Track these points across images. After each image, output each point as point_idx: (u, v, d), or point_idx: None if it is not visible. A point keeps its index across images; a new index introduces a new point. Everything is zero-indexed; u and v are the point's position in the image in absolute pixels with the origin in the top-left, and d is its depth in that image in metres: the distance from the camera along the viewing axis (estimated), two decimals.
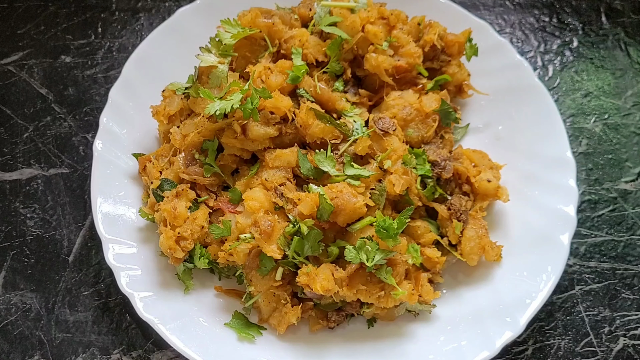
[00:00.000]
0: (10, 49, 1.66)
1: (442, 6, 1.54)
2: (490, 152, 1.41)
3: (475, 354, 1.22)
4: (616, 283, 1.43)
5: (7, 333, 1.35)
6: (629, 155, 1.57)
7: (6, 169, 1.51)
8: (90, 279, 1.40)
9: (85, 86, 1.61)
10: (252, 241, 1.22)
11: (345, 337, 1.28)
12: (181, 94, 1.34)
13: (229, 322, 1.27)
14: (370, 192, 1.25)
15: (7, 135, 1.55)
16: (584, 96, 1.65)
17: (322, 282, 1.16)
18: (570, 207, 1.34)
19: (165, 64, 1.48)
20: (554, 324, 1.38)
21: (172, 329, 1.22)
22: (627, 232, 1.48)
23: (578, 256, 1.45)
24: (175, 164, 1.32)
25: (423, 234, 1.30)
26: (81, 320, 1.36)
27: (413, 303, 1.23)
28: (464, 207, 1.32)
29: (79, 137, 1.55)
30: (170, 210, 1.26)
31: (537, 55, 1.70)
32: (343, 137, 1.29)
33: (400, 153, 1.27)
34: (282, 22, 1.40)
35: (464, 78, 1.48)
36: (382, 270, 1.18)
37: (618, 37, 1.73)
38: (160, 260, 1.32)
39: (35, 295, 1.38)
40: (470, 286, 1.33)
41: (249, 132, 1.27)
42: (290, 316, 1.23)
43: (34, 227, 1.45)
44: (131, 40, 1.68)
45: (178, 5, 1.71)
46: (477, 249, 1.29)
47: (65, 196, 1.48)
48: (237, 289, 1.33)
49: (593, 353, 1.36)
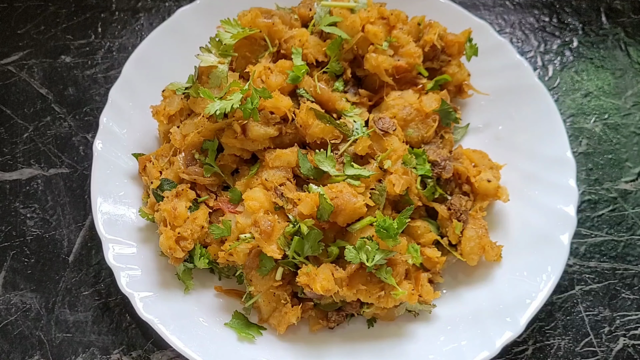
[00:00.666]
0: (10, 49, 1.66)
1: (442, 6, 1.54)
2: (490, 152, 1.41)
3: (475, 354, 1.22)
4: (616, 283, 1.43)
5: (7, 333, 1.35)
6: (629, 155, 1.57)
7: (6, 169, 1.51)
8: (90, 279, 1.40)
9: (85, 86, 1.61)
10: (252, 241, 1.22)
11: (345, 337, 1.28)
12: (181, 94, 1.34)
13: (229, 322, 1.27)
14: (370, 192, 1.25)
15: (7, 135, 1.55)
16: (584, 96, 1.65)
17: (322, 282, 1.16)
18: (570, 207, 1.34)
19: (165, 64, 1.48)
20: (554, 324, 1.38)
21: (172, 329, 1.22)
22: (627, 232, 1.48)
23: (578, 256, 1.45)
24: (175, 164, 1.32)
25: (423, 234, 1.30)
26: (81, 320, 1.36)
27: (413, 303, 1.23)
28: (464, 207, 1.32)
29: (79, 137, 1.55)
30: (170, 210, 1.26)
31: (537, 55, 1.70)
32: (343, 137, 1.29)
33: (400, 153, 1.27)
34: (282, 22, 1.40)
35: (464, 78, 1.48)
36: (382, 270, 1.18)
37: (618, 37, 1.73)
38: (160, 260, 1.32)
39: (35, 295, 1.38)
40: (470, 286, 1.33)
41: (249, 132, 1.27)
42: (290, 316, 1.23)
43: (34, 227, 1.45)
44: (131, 40, 1.68)
45: (178, 5, 1.71)
46: (477, 249, 1.29)
47: (65, 196, 1.48)
48: (237, 289, 1.33)
49: (593, 353, 1.36)
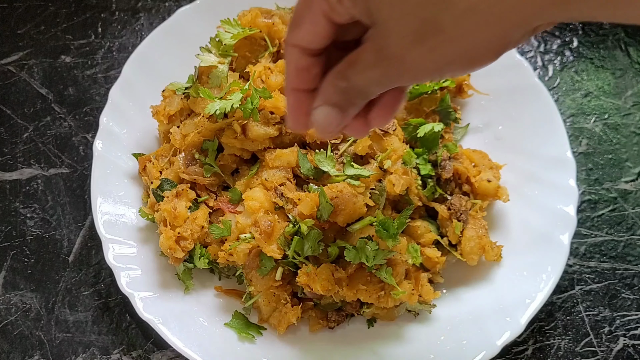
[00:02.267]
0: (10, 49, 1.66)
1: None
2: (490, 152, 1.41)
3: (475, 354, 1.22)
4: (616, 283, 1.43)
5: (7, 333, 1.35)
6: (629, 155, 1.57)
7: (6, 169, 1.51)
8: (90, 279, 1.40)
9: (85, 86, 1.62)
10: (252, 241, 1.22)
11: (345, 337, 1.28)
12: (181, 94, 1.34)
13: (229, 322, 1.27)
14: (370, 192, 1.25)
15: (7, 135, 1.55)
16: (584, 96, 1.65)
17: (322, 282, 1.16)
18: (570, 207, 1.34)
19: (165, 64, 1.48)
20: (554, 324, 1.38)
21: (172, 329, 1.22)
22: (627, 232, 1.48)
23: (578, 256, 1.45)
24: (175, 164, 1.32)
25: (423, 234, 1.30)
26: (81, 320, 1.36)
27: (413, 303, 1.23)
28: (464, 207, 1.32)
29: (79, 137, 1.55)
30: (170, 210, 1.26)
31: (537, 55, 1.70)
32: (343, 137, 1.29)
33: (400, 153, 1.28)
34: (282, 22, 1.40)
35: (464, 78, 1.48)
36: (382, 270, 1.18)
37: (618, 37, 1.73)
38: (160, 260, 1.32)
39: (35, 295, 1.38)
40: (470, 286, 1.33)
41: (249, 132, 1.27)
42: (290, 316, 1.23)
43: (34, 227, 1.45)
44: (131, 40, 1.68)
45: (178, 5, 1.71)
46: (477, 249, 1.29)
47: (65, 196, 1.48)
48: (237, 289, 1.33)
49: (593, 353, 1.36)
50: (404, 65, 0.75)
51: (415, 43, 0.71)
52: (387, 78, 0.77)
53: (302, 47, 0.82)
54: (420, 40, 0.71)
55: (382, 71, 0.76)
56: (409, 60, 0.73)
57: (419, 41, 0.71)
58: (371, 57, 0.76)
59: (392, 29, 0.72)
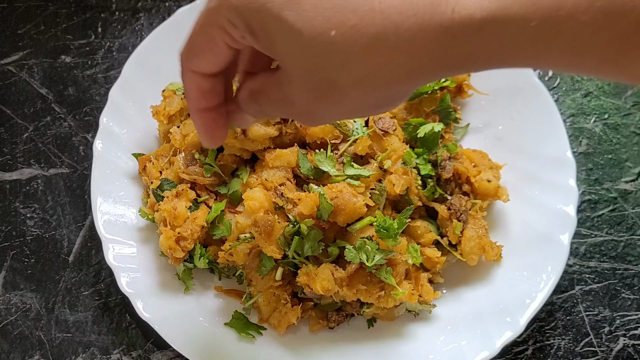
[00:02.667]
0: (10, 49, 1.66)
1: None
2: (490, 152, 1.41)
3: (475, 354, 1.22)
4: (616, 283, 1.43)
5: (7, 333, 1.35)
6: (629, 155, 1.57)
7: (6, 169, 1.51)
8: (90, 279, 1.40)
9: (85, 86, 1.62)
10: (252, 241, 1.22)
11: (345, 337, 1.28)
12: (181, 93, 1.34)
13: (229, 322, 1.27)
14: (370, 192, 1.25)
15: (7, 135, 1.55)
16: (584, 96, 1.65)
17: (322, 282, 1.16)
18: (570, 207, 1.34)
19: (165, 64, 1.47)
20: (554, 324, 1.38)
21: (172, 329, 1.22)
22: (627, 232, 1.48)
23: (578, 256, 1.45)
24: (175, 164, 1.32)
25: (423, 234, 1.30)
26: (81, 320, 1.36)
27: (413, 303, 1.23)
28: (464, 207, 1.32)
29: (79, 137, 1.55)
30: (170, 210, 1.26)
31: None
32: (343, 137, 1.29)
33: (400, 153, 1.28)
34: None
35: (464, 78, 1.48)
36: (382, 270, 1.18)
37: None
38: (160, 260, 1.32)
39: (35, 295, 1.38)
40: (470, 286, 1.33)
41: (249, 132, 1.27)
42: (290, 316, 1.23)
43: (34, 227, 1.45)
44: (131, 40, 1.68)
45: (178, 5, 1.71)
46: (477, 249, 1.29)
47: (65, 196, 1.48)
48: (237, 289, 1.33)
49: (593, 353, 1.36)
50: (308, 115, 0.78)
51: (318, 99, 0.74)
52: (296, 117, 0.85)
53: (203, 73, 0.81)
54: (322, 98, 0.73)
55: (289, 113, 0.80)
56: (313, 111, 0.76)
57: (321, 98, 0.74)
58: (279, 96, 0.78)
59: (296, 82, 0.74)
